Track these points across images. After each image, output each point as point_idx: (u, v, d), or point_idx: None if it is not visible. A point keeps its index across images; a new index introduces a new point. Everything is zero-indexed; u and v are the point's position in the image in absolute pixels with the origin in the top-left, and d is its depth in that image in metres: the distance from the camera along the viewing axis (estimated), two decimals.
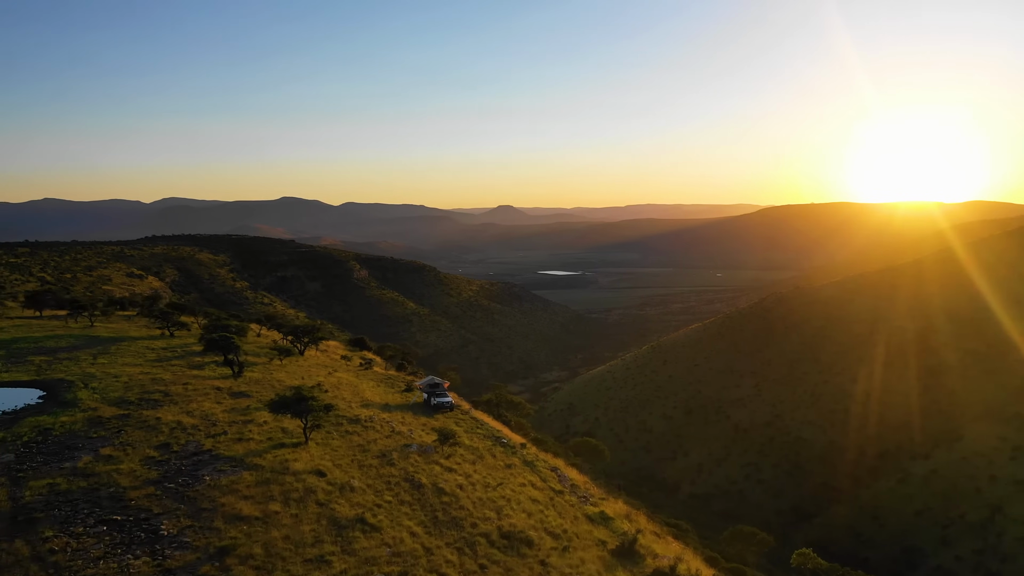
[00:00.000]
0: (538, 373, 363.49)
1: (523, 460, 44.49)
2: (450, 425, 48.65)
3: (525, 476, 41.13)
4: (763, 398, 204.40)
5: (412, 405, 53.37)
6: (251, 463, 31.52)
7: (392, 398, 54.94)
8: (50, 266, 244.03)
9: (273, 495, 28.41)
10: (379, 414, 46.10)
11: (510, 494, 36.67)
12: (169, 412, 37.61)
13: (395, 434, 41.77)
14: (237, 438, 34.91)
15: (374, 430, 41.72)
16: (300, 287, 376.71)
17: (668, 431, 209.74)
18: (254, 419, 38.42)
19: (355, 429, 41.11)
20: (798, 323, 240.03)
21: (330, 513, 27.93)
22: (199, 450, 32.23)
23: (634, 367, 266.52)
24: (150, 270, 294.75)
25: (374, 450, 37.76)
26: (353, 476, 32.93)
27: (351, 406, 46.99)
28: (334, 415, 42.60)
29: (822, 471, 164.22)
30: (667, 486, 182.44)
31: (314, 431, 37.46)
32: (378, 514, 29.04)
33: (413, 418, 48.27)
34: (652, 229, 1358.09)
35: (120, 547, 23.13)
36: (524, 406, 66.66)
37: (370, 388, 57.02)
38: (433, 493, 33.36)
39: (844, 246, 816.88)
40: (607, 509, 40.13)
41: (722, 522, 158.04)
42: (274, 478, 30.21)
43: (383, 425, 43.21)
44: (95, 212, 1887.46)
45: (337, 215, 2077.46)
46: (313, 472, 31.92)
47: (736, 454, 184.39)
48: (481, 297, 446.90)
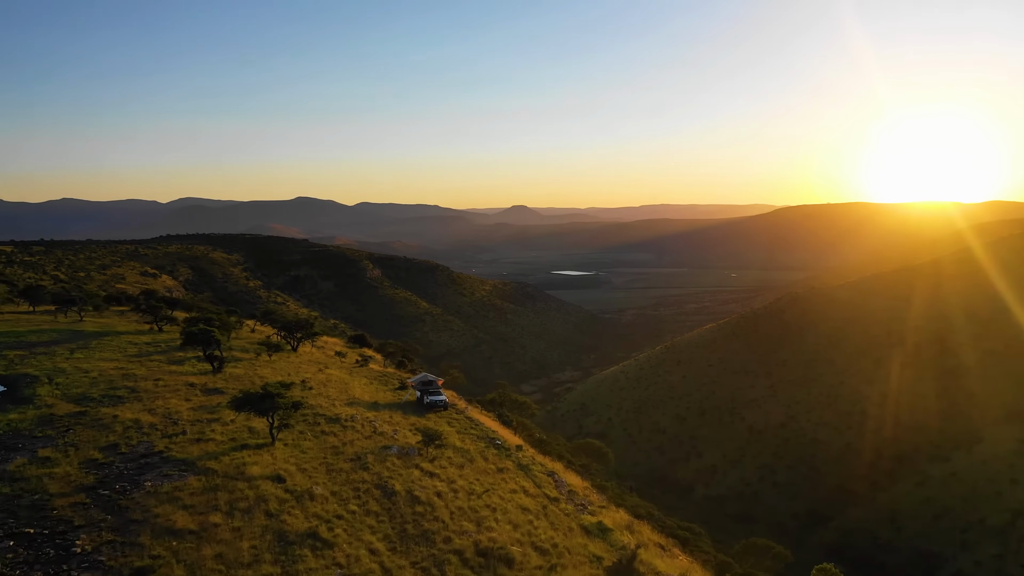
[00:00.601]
0: (551, 373, 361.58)
1: (517, 464, 41.97)
2: (441, 425, 46.51)
3: (518, 481, 38.52)
4: (778, 399, 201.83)
5: (404, 404, 51.14)
6: (203, 467, 29.10)
7: (383, 396, 52.81)
8: (64, 264, 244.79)
9: (218, 504, 25.77)
10: (364, 413, 44.03)
11: (497, 502, 34.00)
12: (130, 410, 35.60)
13: (376, 435, 39.67)
14: (196, 438, 32.67)
15: (354, 430, 39.48)
16: (313, 286, 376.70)
17: (682, 432, 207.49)
18: (221, 418, 36.34)
19: (333, 429, 38.93)
20: (814, 323, 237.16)
21: (279, 526, 25.14)
22: (149, 452, 30.06)
23: (647, 367, 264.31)
24: (164, 269, 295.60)
25: (348, 452, 35.39)
26: (318, 482, 30.50)
27: (334, 404, 44.95)
28: (312, 414, 40.37)
29: (838, 473, 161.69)
30: (680, 488, 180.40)
31: (283, 431, 35.15)
32: (336, 527, 26.20)
33: (402, 417, 46.12)
34: (666, 229, 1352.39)
35: (22, 567, 20.29)
36: (529, 406, 64.78)
37: (361, 386, 55.07)
38: (406, 502, 30.70)
39: (860, 246, 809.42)
40: (606, 519, 37.12)
41: (736, 525, 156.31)
42: (224, 484, 27.64)
43: (365, 425, 41.05)
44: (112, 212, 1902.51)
45: (351, 215, 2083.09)
46: (271, 477, 29.45)
47: (751, 456, 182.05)
48: (494, 297, 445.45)
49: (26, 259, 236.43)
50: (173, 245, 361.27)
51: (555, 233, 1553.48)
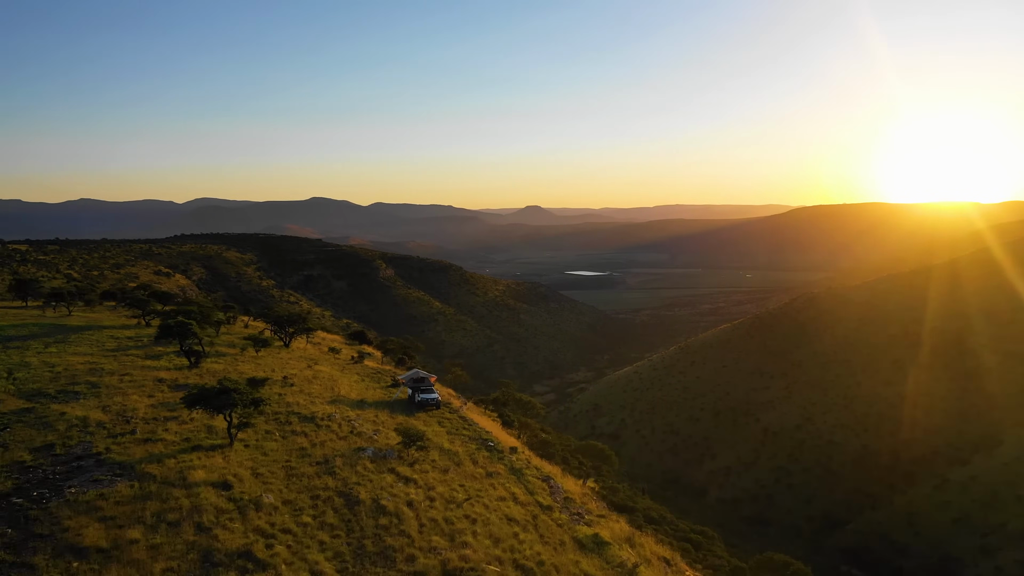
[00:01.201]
0: (564, 373, 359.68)
1: (510, 467, 39.22)
2: (431, 425, 44.30)
3: (508, 488, 35.61)
4: (793, 400, 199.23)
5: (394, 402, 48.87)
6: (142, 471, 26.37)
7: (372, 394, 50.65)
8: (78, 263, 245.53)
9: (143, 516, 22.80)
10: (346, 411, 41.94)
11: (479, 512, 30.89)
12: (82, 407, 33.53)
13: (354, 435, 37.33)
14: (145, 438, 30.27)
15: (329, 430, 37.16)
16: (326, 286, 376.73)
17: (695, 433, 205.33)
18: (180, 416, 34.25)
19: (305, 429, 36.61)
20: (830, 324, 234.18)
21: (208, 543, 21.99)
22: (86, 453, 27.59)
23: (661, 368, 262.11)
24: (177, 268, 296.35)
25: (317, 455, 32.79)
26: (272, 489, 27.66)
27: (314, 402, 42.86)
28: (285, 412, 38.20)
29: (855, 476, 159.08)
30: (694, 490, 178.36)
31: (245, 430, 32.78)
32: (278, 544, 22.93)
33: (388, 416, 43.94)
34: (681, 230, 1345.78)
35: None
36: (534, 405, 62.94)
37: (351, 383, 52.90)
38: (370, 512, 27.41)
39: (876, 247, 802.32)
40: (604, 531, 33.66)
41: (750, 528, 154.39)
42: (159, 491, 24.82)
43: (343, 424, 38.83)
44: (129, 212, 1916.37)
45: (366, 215, 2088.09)
46: (216, 484, 26.58)
47: (765, 458, 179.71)
48: (507, 297, 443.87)
49: (40, 258, 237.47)
50: (187, 244, 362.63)
51: (569, 233, 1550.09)
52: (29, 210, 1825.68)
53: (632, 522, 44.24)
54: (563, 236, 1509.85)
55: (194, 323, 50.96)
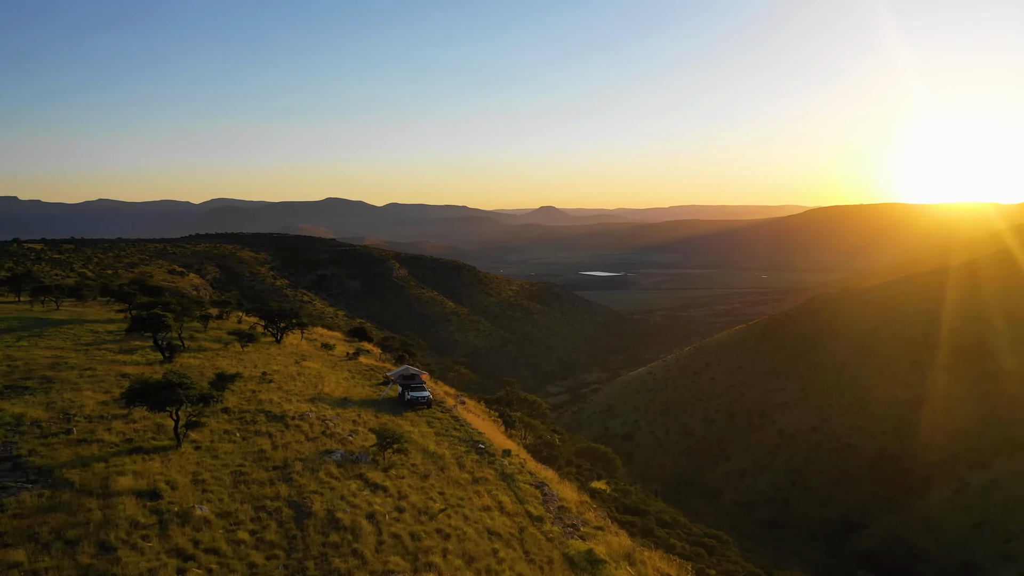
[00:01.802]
0: (578, 374, 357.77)
1: (500, 472, 36.39)
2: (420, 425, 41.93)
3: (495, 495, 32.70)
4: (810, 402, 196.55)
5: (383, 401, 46.74)
6: (60, 477, 23.64)
7: (360, 391, 48.44)
8: (92, 262, 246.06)
9: (38, 532, 19.81)
10: (324, 410, 39.80)
11: (456, 526, 27.59)
12: (25, 403, 31.40)
13: (325, 436, 35.14)
14: (80, 439, 27.79)
15: (299, 430, 35.00)
16: (340, 285, 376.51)
17: (710, 435, 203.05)
18: (131, 414, 31.85)
19: (272, 429, 34.33)
20: (847, 325, 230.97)
21: (105, 568, 18.86)
22: (5, 455, 25.26)
23: (675, 369, 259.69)
24: (191, 267, 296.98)
25: (276, 458, 30.20)
26: (211, 498, 24.65)
27: (290, 400, 40.76)
28: (254, 410, 35.98)
29: (872, 479, 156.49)
30: (708, 492, 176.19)
31: (195, 430, 30.28)
32: (194, 569, 19.71)
33: (373, 416, 41.71)
34: (696, 230, 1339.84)
35: None
36: (540, 405, 60.98)
37: (338, 380, 50.84)
38: (321, 527, 23.97)
39: (893, 248, 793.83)
40: (600, 546, 30.06)
41: (766, 531, 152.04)
42: (70, 502, 21.86)
43: (317, 424, 36.71)
44: (146, 212, 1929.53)
45: (380, 215, 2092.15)
46: (144, 493, 23.65)
47: (781, 460, 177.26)
48: (521, 297, 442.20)
49: (55, 256, 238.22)
50: (201, 244, 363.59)
51: (583, 234, 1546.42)
52: (49, 210, 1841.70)
53: (636, 534, 42.17)
54: (577, 236, 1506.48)
55: (169, 315, 48.98)
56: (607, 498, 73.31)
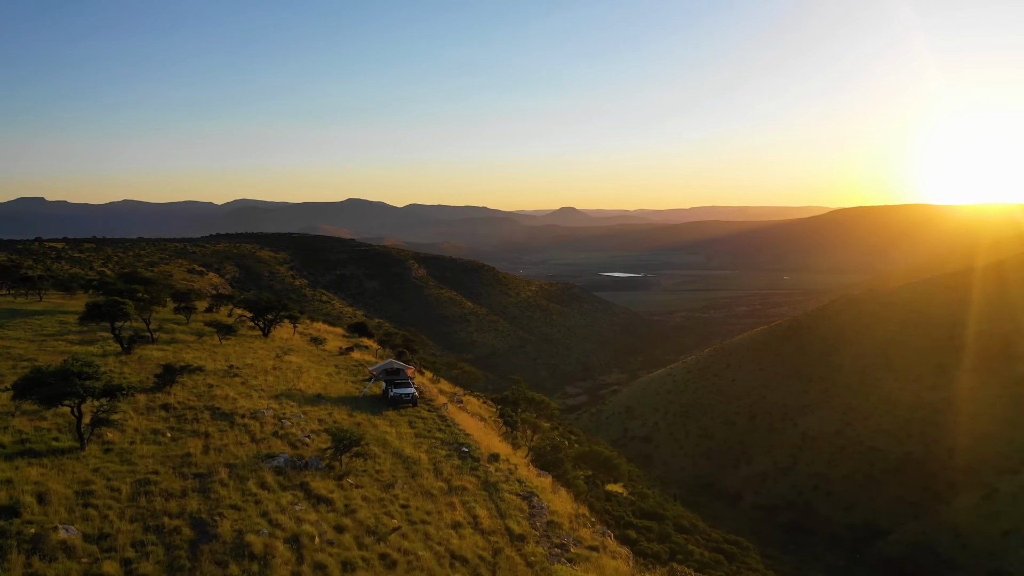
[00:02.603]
0: (597, 375, 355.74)
1: (484, 480, 32.47)
2: (400, 426, 38.73)
3: (472, 509, 28.66)
4: (832, 405, 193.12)
5: (363, 398, 44.09)
6: None
7: (340, 388, 45.78)
8: (112, 261, 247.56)
9: None
10: (289, 408, 37.35)
11: (410, 551, 23.17)
12: None
13: (274, 438, 31.90)
14: None
15: (245, 430, 31.90)
16: (358, 285, 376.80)
17: (730, 437, 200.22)
18: (44, 410, 28.90)
19: (213, 428, 31.62)
20: (871, 326, 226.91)
21: None
22: None
23: (696, 370, 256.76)
24: (211, 266, 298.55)
25: (203, 464, 26.69)
26: (90, 515, 20.61)
27: (251, 395, 38.43)
28: (201, 407, 33.42)
29: (897, 484, 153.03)
30: (728, 496, 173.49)
31: (103, 429, 27.48)
32: None
33: (346, 415, 38.93)
34: (717, 231, 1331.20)
35: None
36: (548, 404, 58.37)
37: (319, 375, 48.38)
38: (220, 555, 19.63)
39: (918, 249, 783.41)
40: (592, 573, 25.28)
41: (787, 536, 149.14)
42: None
43: (270, 424, 33.88)
44: (170, 213, 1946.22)
45: (401, 216, 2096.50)
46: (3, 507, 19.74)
47: (803, 463, 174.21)
48: (540, 297, 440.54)
49: (75, 255, 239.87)
50: (221, 243, 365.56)
51: (603, 235, 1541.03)
52: (75, 211, 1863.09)
53: (652, 539, 40.12)
54: (597, 237, 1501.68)
55: (129, 303, 46.23)
56: (623, 502, 71.36)
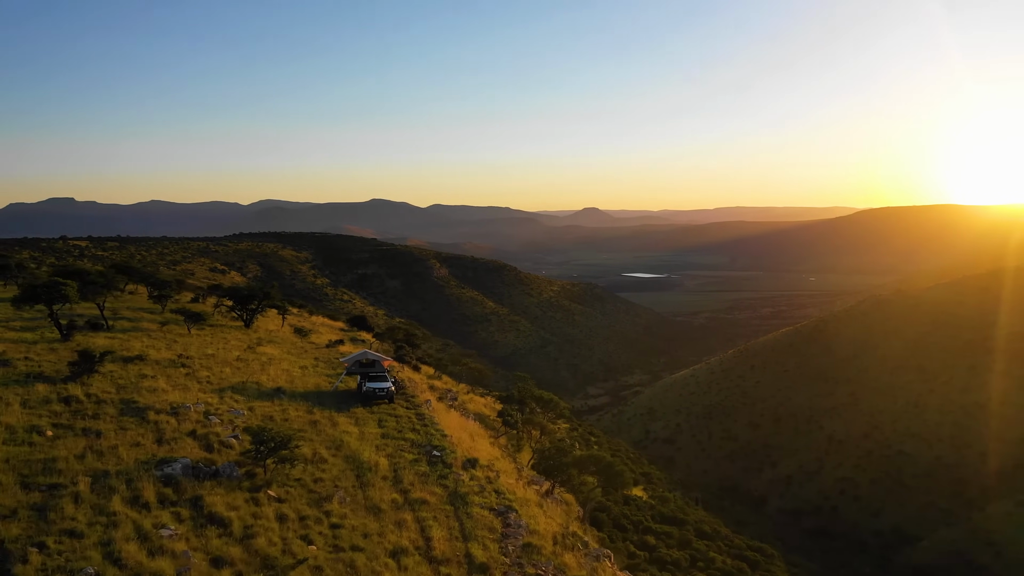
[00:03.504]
0: (619, 376, 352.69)
1: (451, 492, 27.77)
2: (368, 425, 34.80)
3: (428, 528, 23.96)
4: (860, 408, 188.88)
5: (333, 393, 40.51)
6: None
7: (310, 381, 42.38)
8: (135, 259, 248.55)
9: None
10: (230, 403, 33.83)
11: None
12: None
13: (189, 438, 27.90)
14: None
15: (154, 428, 27.81)
16: (380, 284, 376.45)
17: (755, 440, 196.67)
18: None
19: (113, 426, 27.64)
20: (900, 327, 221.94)
21: None
22: None
23: (719, 371, 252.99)
24: (233, 265, 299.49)
25: (69, 470, 22.74)
26: None
27: (189, 388, 35.09)
28: (110, 401, 29.84)
29: (927, 489, 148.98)
30: (752, 499, 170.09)
31: None
32: None
33: (304, 411, 34.97)
34: (742, 232, 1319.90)
35: None
36: (557, 404, 55.42)
37: (291, 368, 45.00)
38: None
39: (946, 250, 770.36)
40: None
41: (813, 541, 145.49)
42: None
43: (191, 421, 29.74)
44: (196, 213, 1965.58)
45: (424, 216, 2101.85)
46: None
47: (830, 467, 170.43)
48: (562, 298, 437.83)
49: (98, 253, 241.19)
50: (243, 242, 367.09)
51: (627, 235, 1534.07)
52: (104, 211, 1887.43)
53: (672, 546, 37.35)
54: (620, 238, 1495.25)
55: (71, 286, 42.37)
56: (642, 506, 68.92)
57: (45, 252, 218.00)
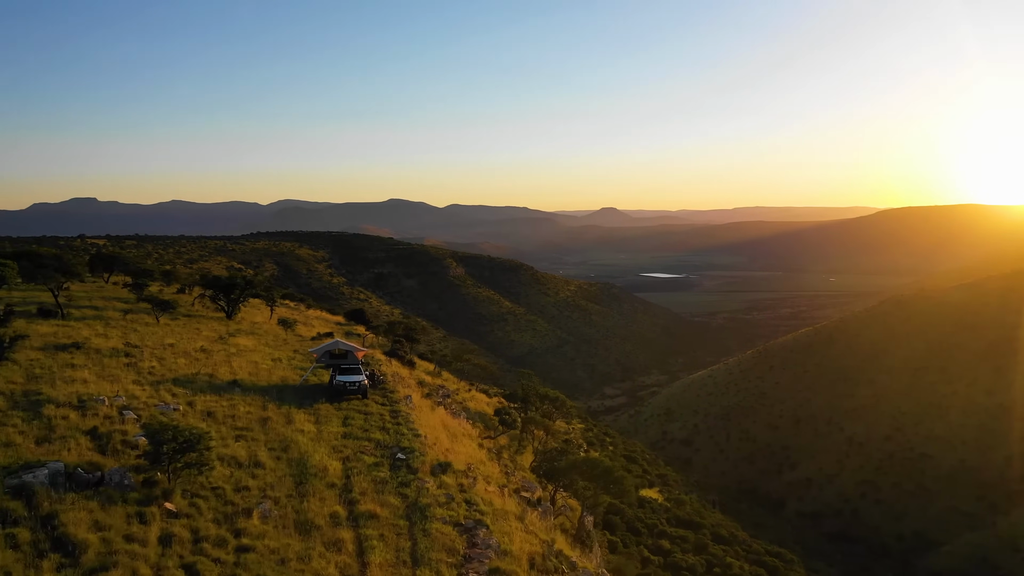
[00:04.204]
0: (636, 376, 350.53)
1: (411, 503, 23.64)
2: (329, 423, 31.06)
3: (367, 552, 19.90)
4: (881, 409, 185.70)
5: (303, 387, 37.12)
6: None
7: (277, 374, 38.92)
8: (152, 258, 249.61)
9: None
10: (166, 396, 30.34)
11: None
12: None
13: (85, 436, 23.82)
14: None
15: (41, 425, 24.05)
16: (396, 284, 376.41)
17: (774, 442, 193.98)
18: None
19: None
20: (923, 328, 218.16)
21: None
22: None
23: (738, 372, 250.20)
24: (250, 264, 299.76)
25: None
26: None
27: (119, 380, 31.66)
28: (15, 392, 26.90)
29: (951, 493, 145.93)
30: (771, 502, 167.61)
31: None
32: None
33: (259, 406, 31.33)
34: (760, 232, 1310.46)
35: None
36: (565, 402, 53.00)
37: (261, 360, 41.68)
38: None
39: (969, 251, 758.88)
40: None
41: (833, 545, 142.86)
42: None
43: (99, 417, 25.91)
44: (216, 213, 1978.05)
45: (441, 216, 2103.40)
46: None
47: (850, 470, 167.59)
48: (579, 297, 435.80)
49: (115, 252, 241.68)
50: (261, 241, 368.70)
51: (644, 235, 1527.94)
52: (125, 211, 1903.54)
53: (688, 550, 35.16)
54: (638, 238, 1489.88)
55: (11, 265, 39.50)
56: (657, 508, 67.23)
57: (63, 250, 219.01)
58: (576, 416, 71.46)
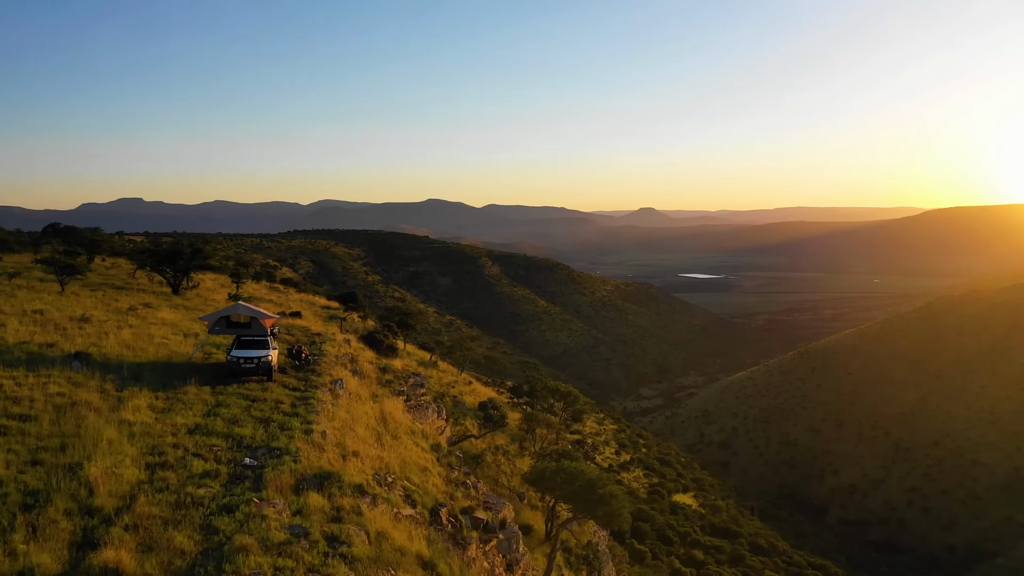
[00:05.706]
0: (673, 378, 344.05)
1: (211, 547, 13.53)
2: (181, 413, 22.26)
3: None
4: (929, 414, 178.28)
5: (189, 364, 28.87)
6: None
7: (167, 349, 31.06)
8: None
9: None
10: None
11: None
12: None
13: None
14: None
15: None
16: (431, 282, 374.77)
17: (815, 446, 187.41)
18: None
19: None
20: (974, 330, 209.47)
21: None
22: None
23: (778, 374, 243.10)
24: (285, 261, 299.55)
25: None
26: None
27: None
28: None
29: (1005, 503, 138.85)
30: (813, 509, 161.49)
31: None
32: None
33: (91, 389, 23.06)
34: (802, 232, 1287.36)
35: None
36: (578, 398, 48.16)
37: (159, 333, 34.10)
38: None
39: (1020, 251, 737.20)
40: None
41: (879, 555, 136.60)
42: None
43: None
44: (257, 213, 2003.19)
45: (479, 216, 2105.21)
46: None
47: (896, 476, 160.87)
48: (615, 297, 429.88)
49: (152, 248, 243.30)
50: (297, 239, 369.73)
51: (683, 236, 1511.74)
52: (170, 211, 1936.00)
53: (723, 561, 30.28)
54: (677, 238, 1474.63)
55: None
56: (691, 515, 62.96)
57: None
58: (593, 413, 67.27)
